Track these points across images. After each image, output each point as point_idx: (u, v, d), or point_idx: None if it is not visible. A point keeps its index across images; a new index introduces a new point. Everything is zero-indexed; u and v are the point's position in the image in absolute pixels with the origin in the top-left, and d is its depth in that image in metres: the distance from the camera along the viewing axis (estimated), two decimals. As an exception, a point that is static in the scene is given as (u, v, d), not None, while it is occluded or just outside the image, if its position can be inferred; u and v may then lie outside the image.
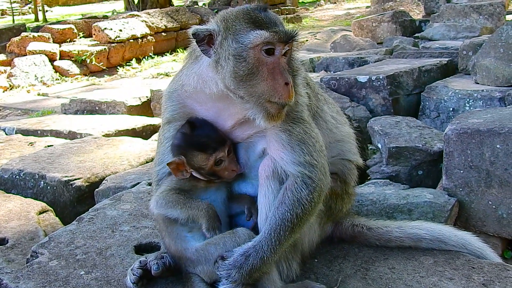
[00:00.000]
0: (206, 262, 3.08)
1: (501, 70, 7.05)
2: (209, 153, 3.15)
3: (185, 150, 3.19)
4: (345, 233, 3.72)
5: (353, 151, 3.73)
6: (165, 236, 3.27)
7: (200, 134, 3.19)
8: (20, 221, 5.00)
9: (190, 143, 3.19)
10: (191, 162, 3.18)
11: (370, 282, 3.26)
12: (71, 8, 46.74)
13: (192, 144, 3.19)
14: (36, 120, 9.72)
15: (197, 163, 3.18)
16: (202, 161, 3.17)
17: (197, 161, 3.18)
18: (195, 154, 3.17)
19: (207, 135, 3.18)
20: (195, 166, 3.20)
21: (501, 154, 4.37)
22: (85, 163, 6.31)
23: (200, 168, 3.20)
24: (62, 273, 3.43)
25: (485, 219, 4.57)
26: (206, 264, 3.08)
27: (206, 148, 3.16)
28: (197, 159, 3.18)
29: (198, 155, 3.17)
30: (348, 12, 30.17)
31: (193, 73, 3.13)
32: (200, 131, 3.19)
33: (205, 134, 3.19)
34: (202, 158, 3.17)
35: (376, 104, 7.81)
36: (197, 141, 3.18)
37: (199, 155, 3.17)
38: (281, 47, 2.92)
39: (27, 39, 19.66)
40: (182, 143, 3.22)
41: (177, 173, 3.22)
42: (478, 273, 3.33)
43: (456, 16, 13.59)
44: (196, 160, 3.18)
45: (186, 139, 3.20)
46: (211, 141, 3.17)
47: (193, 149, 3.18)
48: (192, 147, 3.18)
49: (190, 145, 3.19)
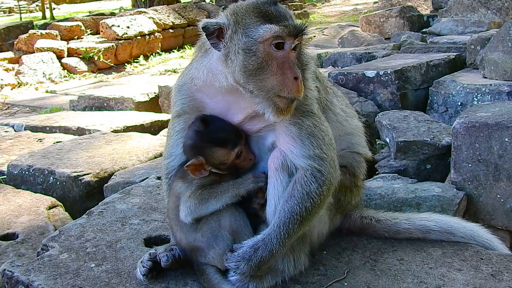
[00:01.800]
0: (216, 244, 3.09)
1: (509, 64, 7.03)
2: (229, 148, 3.13)
3: (203, 148, 3.14)
4: (354, 225, 3.73)
5: (362, 144, 3.74)
6: (176, 231, 3.27)
7: (216, 129, 3.16)
8: (30, 216, 5.04)
9: (208, 140, 3.14)
10: (211, 160, 3.14)
11: (379, 273, 3.28)
12: (78, 6, 46.82)
13: (211, 141, 3.14)
14: (45, 117, 9.77)
15: (217, 159, 3.15)
16: (223, 156, 3.15)
17: (218, 158, 3.15)
18: (215, 151, 3.14)
19: (223, 130, 3.16)
20: (215, 163, 3.16)
21: (509, 148, 4.37)
22: (94, 159, 6.34)
23: (221, 163, 3.17)
24: (72, 266, 3.46)
25: (494, 213, 4.57)
26: (217, 245, 3.09)
27: (226, 143, 3.13)
28: (218, 156, 3.14)
29: (218, 151, 3.14)
30: (356, 8, 30.08)
31: (202, 66, 3.13)
32: (215, 126, 3.16)
33: (221, 129, 3.16)
34: (223, 153, 3.14)
35: (384, 99, 7.80)
36: (215, 137, 3.15)
37: (220, 151, 3.14)
38: (291, 41, 2.92)
39: (34, 37, 19.70)
40: (198, 142, 3.17)
41: (196, 173, 3.16)
42: (487, 264, 3.35)
43: (464, 11, 13.53)
44: (217, 156, 3.14)
45: (202, 136, 3.16)
46: (230, 136, 3.14)
47: (212, 146, 3.14)
48: (211, 144, 3.14)
49: (208, 143, 3.14)
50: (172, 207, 3.30)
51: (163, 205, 4.15)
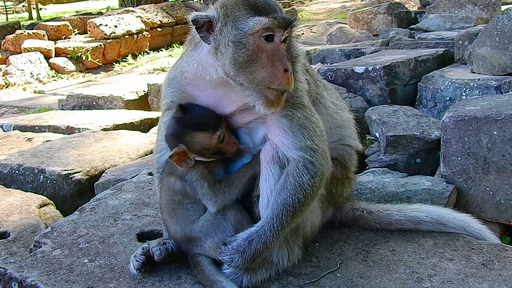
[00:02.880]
0: (215, 234, 3.10)
1: (497, 59, 7.08)
2: (211, 132, 3.11)
3: (184, 135, 3.13)
4: (346, 217, 3.76)
5: (353, 136, 3.76)
6: (171, 223, 3.27)
7: (194, 115, 3.15)
8: (21, 214, 5.02)
9: (188, 126, 3.13)
10: (194, 146, 3.12)
11: (371, 264, 3.30)
12: (65, 6, 46.55)
13: (191, 126, 3.13)
14: (34, 116, 9.72)
15: (200, 145, 3.12)
16: (205, 141, 3.12)
17: (200, 143, 3.12)
18: (196, 136, 3.12)
19: (202, 115, 3.15)
20: (198, 149, 3.13)
21: (498, 141, 4.40)
22: (84, 157, 6.32)
23: (204, 149, 3.14)
24: (65, 262, 3.46)
25: (483, 205, 4.61)
26: (215, 235, 3.10)
27: (207, 127, 3.11)
28: (199, 141, 3.12)
29: (199, 136, 3.11)
30: (344, 5, 30.10)
31: (192, 59, 3.14)
32: (193, 112, 3.15)
33: (200, 114, 3.15)
34: (204, 138, 3.12)
35: (373, 95, 7.83)
36: (195, 122, 3.13)
37: (201, 135, 3.11)
38: (281, 33, 2.92)
39: (21, 37, 19.62)
40: (178, 130, 3.16)
41: (181, 163, 3.15)
42: (478, 254, 3.39)
43: (451, 7, 13.60)
44: (198, 142, 3.12)
45: (182, 123, 3.15)
46: (209, 120, 3.13)
47: (192, 131, 3.12)
48: (191, 129, 3.12)
49: (188, 128, 3.13)
50: (167, 201, 3.30)
51: (155, 200, 4.16)
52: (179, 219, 3.21)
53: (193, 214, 3.20)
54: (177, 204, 3.23)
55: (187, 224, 3.19)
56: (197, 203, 3.20)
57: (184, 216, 3.20)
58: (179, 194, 3.23)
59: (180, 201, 3.23)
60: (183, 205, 3.22)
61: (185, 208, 3.21)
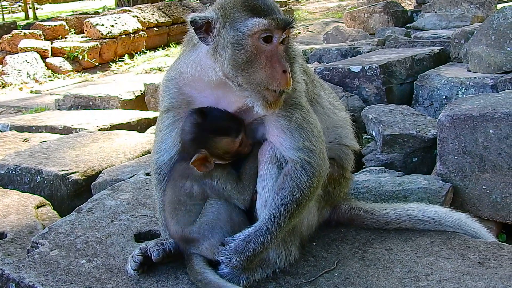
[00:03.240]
0: (212, 236, 3.11)
1: (492, 57, 7.09)
2: (233, 136, 3.12)
3: (205, 140, 3.12)
4: (342, 216, 3.77)
5: (350, 136, 3.77)
6: (172, 224, 3.26)
7: (216, 119, 3.14)
8: (18, 215, 5.01)
9: (210, 131, 3.12)
10: (215, 151, 3.12)
11: (368, 263, 3.32)
12: (62, 5, 46.55)
13: (213, 132, 3.12)
14: (31, 117, 9.69)
15: (222, 149, 3.13)
16: (228, 145, 3.13)
17: (223, 148, 3.13)
18: (219, 141, 3.12)
19: (223, 119, 3.14)
20: (219, 153, 3.14)
21: (494, 139, 4.41)
22: (81, 157, 6.32)
23: (226, 153, 3.15)
24: (63, 262, 3.46)
25: (480, 204, 4.62)
26: (212, 237, 3.10)
27: (230, 131, 3.12)
28: (222, 146, 3.13)
29: (222, 141, 3.12)
30: (340, 4, 30.14)
31: (191, 60, 3.14)
32: (214, 117, 3.14)
33: (221, 118, 3.14)
34: (227, 142, 3.13)
35: (369, 94, 7.85)
36: (217, 127, 3.12)
37: (224, 140, 3.12)
38: (279, 34, 2.93)
39: (18, 37, 19.56)
40: (199, 135, 3.13)
41: (201, 168, 3.13)
42: (474, 252, 3.40)
43: (447, 6, 13.62)
44: (221, 146, 3.12)
45: (203, 128, 3.12)
46: (231, 124, 3.14)
47: (215, 136, 3.12)
48: (214, 134, 3.12)
49: (211, 133, 3.12)
50: (171, 200, 3.28)
51: (153, 200, 4.15)
52: (180, 219, 3.21)
53: (194, 215, 3.19)
54: (180, 205, 3.22)
55: (187, 225, 3.19)
56: (201, 206, 3.20)
57: (184, 217, 3.20)
58: (187, 195, 3.22)
59: (184, 202, 3.22)
60: (185, 206, 3.21)
61: (187, 210, 3.21)
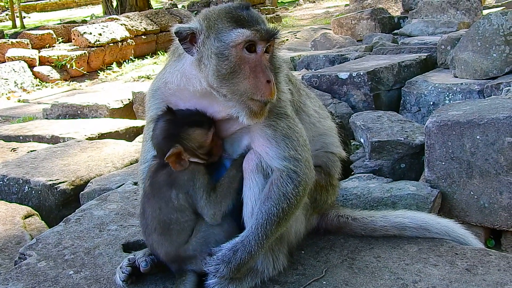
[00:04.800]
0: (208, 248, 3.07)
1: (479, 63, 7.16)
2: (206, 128, 3.12)
3: (179, 134, 3.10)
4: (331, 224, 3.76)
5: (336, 144, 3.77)
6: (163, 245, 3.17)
7: (187, 113, 3.15)
8: (5, 226, 4.98)
9: (184, 124, 3.11)
10: (190, 145, 3.11)
11: (357, 271, 3.31)
12: (49, 14, 46.38)
13: (187, 124, 3.11)
14: (18, 126, 9.65)
15: (196, 142, 3.12)
16: (201, 137, 3.12)
17: (197, 140, 3.11)
18: (192, 133, 3.10)
19: (194, 113, 3.15)
20: (194, 147, 3.12)
21: (481, 145, 4.44)
22: (69, 167, 6.29)
23: (200, 147, 3.13)
24: (51, 274, 3.44)
25: (468, 209, 4.64)
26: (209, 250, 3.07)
27: (202, 123, 3.12)
28: (196, 137, 3.11)
29: (196, 131, 3.11)
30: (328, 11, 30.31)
31: (176, 70, 3.14)
32: (185, 112, 3.16)
33: (191, 112, 3.15)
34: (201, 134, 3.11)
35: (357, 100, 7.89)
36: (190, 119, 3.12)
37: (197, 131, 3.11)
38: (263, 45, 2.94)
39: (5, 46, 19.51)
40: (173, 130, 3.12)
41: (176, 165, 3.12)
42: (462, 259, 3.41)
43: (434, 12, 13.72)
44: (195, 139, 3.11)
45: (175, 124, 3.13)
46: (202, 116, 3.14)
47: (189, 128, 3.11)
48: (187, 126, 3.11)
49: (184, 126, 3.11)
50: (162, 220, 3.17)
51: (140, 210, 4.14)
52: (173, 240, 3.14)
53: (187, 233, 3.14)
54: (174, 224, 3.14)
55: (182, 244, 3.13)
56: (193, 220, 3.16)
57: (179, 237, 3.13)
58: (178, 211, 3.15)
59: (177, 220, 3.14)
60: (178, 225, 3.14)
61: (180, 228, 3.14)
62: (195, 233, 3.14)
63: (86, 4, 50.92)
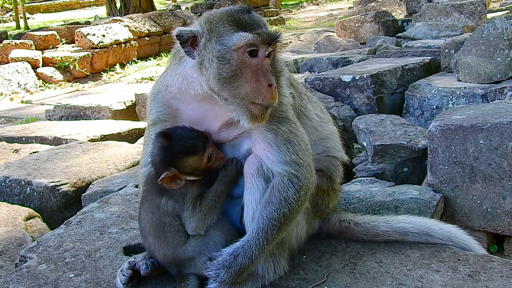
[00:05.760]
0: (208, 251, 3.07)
1: (482, 67, 7.14)
2: (200, 154, 3.11)
3: (173, 160, 3.09)
4: (332, 228, 3.75)
5: (337, 147, 3.76)
6: (160, 248, 3.18)
7: (180, 140, 3.12)
8: (7, 227, 4.98)
9: (177, 152, 3.10)
10: (184, 169, 3.11)
11: (358, 276, 3.29)
12: (53, 15, 46.44)
13: (180, 152, 3.10)
14: (21, 127, 9.65)
15: (191, 167, 3.12)
16: (196, 163, 3.11)
17: (191, 166, 3.11)
18: (186, 161, 3.10)
19: (188, 138, 3.13)
20: (188, 171, 3.12)
21: (484, 150, 4.42)
22: (71, 168, 6.29)
23: (195, 170, 3.14)
24: (51, 277, 3.43)
25: (470, 214, 4.62)
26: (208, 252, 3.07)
27: (196, 150, 3.10)
28: (190, 164, 3.11)
29: (190, 159, 3.10)
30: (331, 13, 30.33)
31: (177, 74, 3.14)
32: (178, 137, 3.13)
33: (186, 137, 3.13)
34: (195, 161, 3.11)
35: (360, 103, 7.87)
36: (183, 148, 3.10)
37: (191, 159, 3.10)
38: (264, 48, 2.93)
39: (9, 47, 19.56)
40: (167, 156, 3.11)
41: (171, 185, 3.11)
42: (464, 265, 3.38)
43: (437, 15, 13.72)
44: (189, 165, 3.11)
45: (169, 150, 3.11)
46: (197, 142, 3.12)
47: (182, 157, 3.10)
48: (180, 154, 3.10)
49: (177, 154, 3.10)
50: (155, 223, 3.20)
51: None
52: (170, 242, 3.14)
53: (184, 234, 3.14)
54: (168, 227, 3.15)
55: (179, 246, 3.13)
56: None
57: (175, 238, 3.13)
58: (170, 215, 3.16)
59: (170, 223, 3.15)
60: (173, 227, 3.15)
61: (175, 230, 3.14)
62: (193, 236, 3.14)
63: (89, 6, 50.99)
